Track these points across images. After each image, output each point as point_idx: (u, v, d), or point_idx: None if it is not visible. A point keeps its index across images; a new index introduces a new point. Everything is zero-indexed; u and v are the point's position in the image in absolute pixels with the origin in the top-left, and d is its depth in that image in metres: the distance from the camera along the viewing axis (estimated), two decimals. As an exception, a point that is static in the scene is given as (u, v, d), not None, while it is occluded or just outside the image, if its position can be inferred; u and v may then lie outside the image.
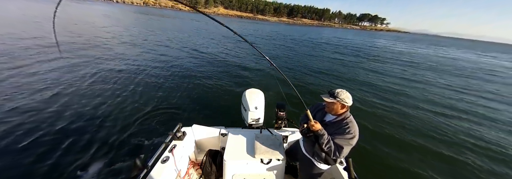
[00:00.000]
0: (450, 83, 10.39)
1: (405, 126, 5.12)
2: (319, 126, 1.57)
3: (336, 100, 1.55)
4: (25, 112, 4.13)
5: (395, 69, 12.76)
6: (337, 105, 1.58)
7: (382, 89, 8.14)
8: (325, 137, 1.54)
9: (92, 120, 4.14)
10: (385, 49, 26.56)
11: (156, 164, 1.86)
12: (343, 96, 1.54)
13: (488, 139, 4.83)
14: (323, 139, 1.54)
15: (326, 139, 1.54)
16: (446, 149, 4.28)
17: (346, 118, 1.60)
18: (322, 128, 1.57)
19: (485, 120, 6.03)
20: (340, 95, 1.54)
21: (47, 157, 3.15)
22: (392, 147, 4.15)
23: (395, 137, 4.57)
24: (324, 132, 1.56)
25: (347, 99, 1.55)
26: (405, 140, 4.47)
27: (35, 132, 3.62)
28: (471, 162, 3.92)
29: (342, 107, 1.59)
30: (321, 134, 1.55)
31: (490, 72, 15.98)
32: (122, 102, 4.97)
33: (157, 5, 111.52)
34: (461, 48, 51.17)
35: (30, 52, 7.83)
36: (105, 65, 7.52)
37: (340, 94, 1.54)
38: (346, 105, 1.58)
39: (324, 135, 1.54)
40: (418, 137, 4.65)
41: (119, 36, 14.07)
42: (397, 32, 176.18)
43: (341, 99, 1.54)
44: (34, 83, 5.36)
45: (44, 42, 9.40)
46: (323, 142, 1.53)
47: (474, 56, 29.79)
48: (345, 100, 1.54)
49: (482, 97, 8.44)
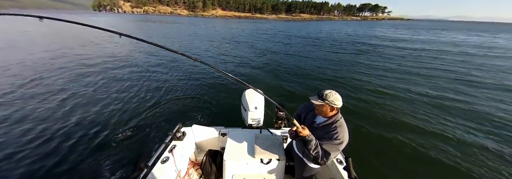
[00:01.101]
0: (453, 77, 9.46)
1: (405, 125, 4.89)
2: (307, 132, 1.53)
3: (324, 103, 1.48)
4: (29, 117, 4.32)
5: (393, 63, 12.01)
6: (326, 108, 1.52)
7: (380, 85, 7.74)
8: (313, 143, 1.51)
9: (93, 122, 4.25)
10: (392, 38, 25.87)
11: (156, 164, 1.87)
12: (331, 98, 1.46)
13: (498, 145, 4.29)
14: (310, 144, 1.51)
15: (314, 145, 1.51)
16: (446, 149, 4.08)
17: (335, 121, 1.55)
18: (309, 134, 1.53)
19: (495, 122, 5.26)
20: (329, 97, 1.46)
21: (47, 157, 3.24)
22: (392, 147, 4.03)
23: (395, 137, 4.38)
24: (312, 137, 1.53)
25: (336, 101, 1.47)
26: (406, 139, 4.29)
27: (35, 135, 3.75)
28: (474, 164, 3.68)
29: (332, 109, 1.53)
30: (309, 139, 1.52)
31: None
32: (122, 103, 5.08)
33: (156, 12, 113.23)
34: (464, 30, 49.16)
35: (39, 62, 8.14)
36: (106, 69, 7.76)
37: (329, 95, 1.47)
38: (336, 107, 1.52)
39: (312, 141, 1.52)
40: (419, 135, 4.46)
41: (121, 43, 14.38)
42: (400, 20, 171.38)
43: (329, 101, 1.46)
44: (39, 91, 5.61)
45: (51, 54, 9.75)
46: (310, 148, 1.51)
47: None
48: (334, 102, 1.47)
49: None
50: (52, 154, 3.32)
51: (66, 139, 3.69)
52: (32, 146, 3.51)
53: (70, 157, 3.28)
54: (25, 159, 3.22)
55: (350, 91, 6.90)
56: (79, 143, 3.61)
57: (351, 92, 6.78)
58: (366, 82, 7.94)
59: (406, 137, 4.38)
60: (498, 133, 4.69)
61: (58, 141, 3.64)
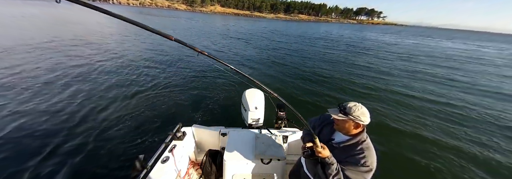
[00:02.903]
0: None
1: (406, 125, 4.95)
2: (327, 152, 1.24)
3: (347, 118, 1.21)
4: (24, 115, 4.15)
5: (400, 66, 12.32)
6: (349, 124, 1.24)
7: (377, 84, 7.97)
8: (334, 168, 1.23)
9: (93, 121, 4.16)
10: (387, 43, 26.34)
11: (156, 164, 1.86)
12: (358, 113, 1.19)
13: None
14: (330, 169, 1.23)
15: (335, 171, 1.22)
16: (447, 149, 4.16)
17: (361, 142, 1.26)
18: (330, 155, 1.25)
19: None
20: (354, 111, 1.19)
21: (47, 157, 3.18)
22: (392, 147, 4.08)
23: (395, 136, 4.48)
24: (333, 160, 1.25)
25: (363, 116, 1.20)
26: (407, 140, 4.37)
27: (36, 135, 3.64)
28: (477, 167, 3.74)
29: (357, 126, 1.24)
30: (328, 162, 1.24)
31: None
32: (121, 103, 4.97)
33: (153, 5, 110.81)
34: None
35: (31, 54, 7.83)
36: (105, 66, 7.52)
37: (354, 109, 1.19)
38: (361, 124, 1.23)
39: (333, 165, 1.23)
40: (419, 136, 4.55)
41: (119, 39, 14.02)
42: (394, 25, 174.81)
43: (354, 116, 1.19)
44: (33, 85, 5.40)
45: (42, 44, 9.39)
46: (330, 173, 1.23)
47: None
48: (360, 118, 1.19)
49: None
50: (52, 154, 3.24)
51: (65, 139, 3.60)
52: (32, 146, 3.40)
53: (70, 157, 3.21)
54: (25, 159, 3.14)
55: (349, 93, 7.01)
56: (78, 143, 3.53)
57: (350, 95, 6.88)
58: (365, 85, 8.04)
59: (407, 137, 4.43)
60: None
61: (57, 140, 3.54)
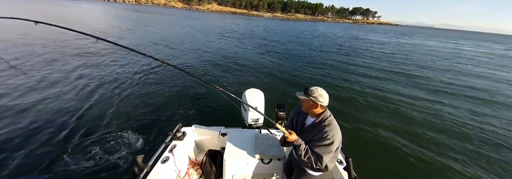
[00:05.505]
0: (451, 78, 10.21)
1: (405, 125, 5.04)
2: (294, 136, 1.45)
3: (309, 98, 1.40)
4: (23, 116, 4.10)
5: (396, 63, 12.65)
6: (310, 104, 1.44)
7: (379, 87, 8.03)
8: (302, 148, 1.42)
9: (92, 121, 4.13)
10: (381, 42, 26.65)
11: (156, 164, 1.86)
12: (316, 94, 1.38)
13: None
14: (299, 150, 1.42)
15: (304, 150, 1.41)
16: (446, 149, 4.24)
17: (324, 119, 1.44)
18: (297, 138, 1.45)
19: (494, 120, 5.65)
20: (314, 93, 1.38)
21: (47, 157, 3.16)
22: (392, 147, 4.12)
23: (395, 136, 4.52)
24: (300, 142, 1.45)
25: (320, 97, 1.38)
26: (406, 139, 4.42)
27: (37, 133, 3.63)
28: (475, 165, 3.83)
29: (316, 106, 1.43)
30: (297, 144, 1.44)
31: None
32: (121, 103, 4.93)
33: (149, 2, 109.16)
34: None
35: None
36: (103, 66, 7.42)
37: (314, 91, 1.39)
38: (320, 104, 1.42)
39: (301, 146, 1.42)
40: (418, 136, 4.62)
41: (119, 37, 13.77)
42: (388, 25, 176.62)
43: (314, 97, 1.38)
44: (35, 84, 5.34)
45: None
46: (301, 154, 1.41)
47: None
48: (318, 98, 1.38)
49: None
50: (51, 154, 3.22)
51: (65, 138, 3.57)
52: (31, 146, 3.36)
53: (69, 157, 3.18)
54: (25, 158, 3.11)
55: (349, 92, 7.10)
56: (78, 143, 3.49)
57: (350, 93, 6.98)
58: (365, 83, 8.20)
59: (404, 136, 4.51)
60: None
61: (57, 141, 3.51)
